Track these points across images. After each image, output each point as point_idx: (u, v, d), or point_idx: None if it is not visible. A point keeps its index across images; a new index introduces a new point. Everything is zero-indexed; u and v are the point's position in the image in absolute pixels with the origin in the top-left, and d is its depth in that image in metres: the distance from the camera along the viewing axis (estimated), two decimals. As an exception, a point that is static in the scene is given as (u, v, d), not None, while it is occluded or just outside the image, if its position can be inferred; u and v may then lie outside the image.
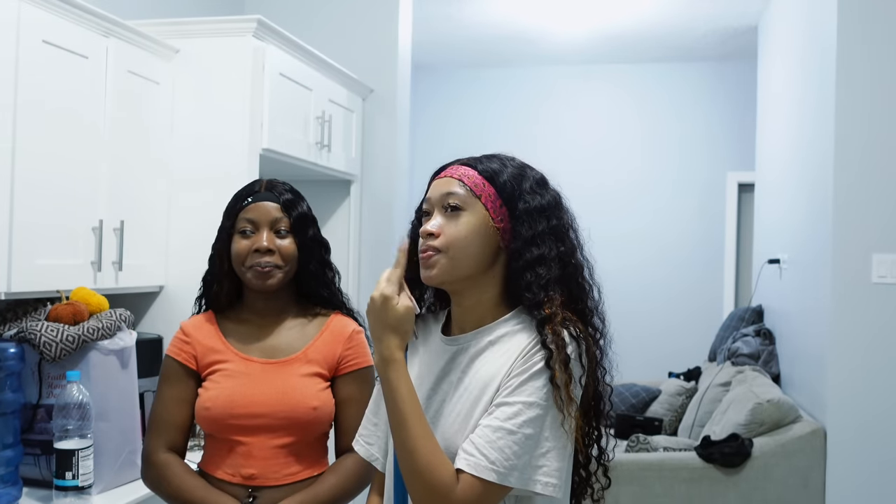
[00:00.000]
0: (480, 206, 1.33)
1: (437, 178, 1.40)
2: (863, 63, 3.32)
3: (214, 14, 3.46)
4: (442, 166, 1.42)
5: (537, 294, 1.30)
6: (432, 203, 1.37)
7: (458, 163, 1.40)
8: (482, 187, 1.34)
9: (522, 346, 1.29)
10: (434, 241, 1.32)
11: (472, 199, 1.33)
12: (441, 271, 1.33)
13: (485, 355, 1.33)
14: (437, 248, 1.32)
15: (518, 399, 1.24)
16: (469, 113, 6.66)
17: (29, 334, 2.05)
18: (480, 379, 1.31)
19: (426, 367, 1.41)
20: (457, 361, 1.36)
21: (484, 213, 1.33)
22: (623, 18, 5.33)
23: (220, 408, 1.75)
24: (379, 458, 1.47)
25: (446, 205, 1.34)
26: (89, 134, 2.40)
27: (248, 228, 1.78)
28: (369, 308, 1.29)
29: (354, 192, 3.69)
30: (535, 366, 1.26)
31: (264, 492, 1.73)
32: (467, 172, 1.36)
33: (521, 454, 1.22)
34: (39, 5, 2.17)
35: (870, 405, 3.28)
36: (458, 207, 1.33)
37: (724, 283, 6.29)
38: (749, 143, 5.77)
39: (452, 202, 1.33)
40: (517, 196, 1.34)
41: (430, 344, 1.44)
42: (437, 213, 1.35)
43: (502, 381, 1.28)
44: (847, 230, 3.31)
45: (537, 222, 1.33)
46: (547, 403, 1.24)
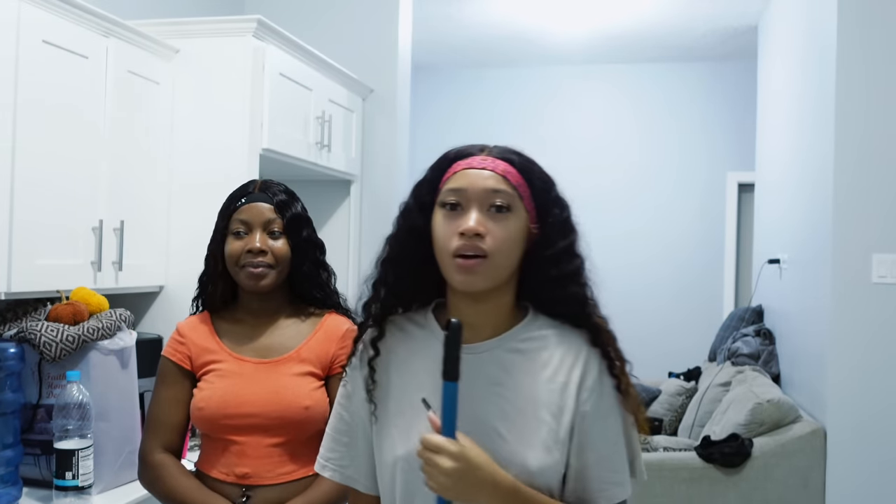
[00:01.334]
0: (523, 207, 1.24)
1: (461, 165, 1.26)
2: (862, 63, 3.31)
3: (214, 14, 3.46)
4: (455, 152, 1.29)
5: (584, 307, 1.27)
6: (470, 197, 1.22)
7: (482, 151, 1.27)
8: (524, 187, 1.24)
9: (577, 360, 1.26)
10: (481, 242, 1.20)
11: (517, 200, 1.23)
12: (483, 280, 1.21)
13: (518, 365, 1.25)
14: (484, 252, 1.20)
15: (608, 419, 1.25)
16: (469, 113, 6.66)
17: (29, 334, 2.05)
18: (529, 391, 1.24)
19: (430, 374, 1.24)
20: (478, 370, 1.24)
21: (525, 215, 1.24)
22: (623, 18, 5.33)
23: (213, 408, 1.75)
24: (359, 479, 1.35)
25: (493, 204, 1.21)
26: (89, 134, 2.40)
27: (241, 229, 1.79)
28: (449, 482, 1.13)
29: (354, 192, 3.69)
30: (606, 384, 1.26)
31: (258, 491, 1.73)
32: (509, 169, 1.24)
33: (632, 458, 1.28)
34: (39, 5, 2.17)
35: (870, 405, 3.28)
36: (507, 208, 1.22)
37: (724, 283, 6.29)
38: (749, 143, 5.77)
39: (501, 202, 1.21)
40: (549, 202, 1.26)
41: (420, 352, 1.30)
42: (475, 210, 1.21)
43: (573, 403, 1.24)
44: (847, 230, 3.31)
45: (570, 233, 1.27)
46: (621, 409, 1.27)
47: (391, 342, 1.32)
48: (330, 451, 1.38)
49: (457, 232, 1.21)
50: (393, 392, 1.30)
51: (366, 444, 1.34)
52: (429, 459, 1.14)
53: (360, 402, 1.34)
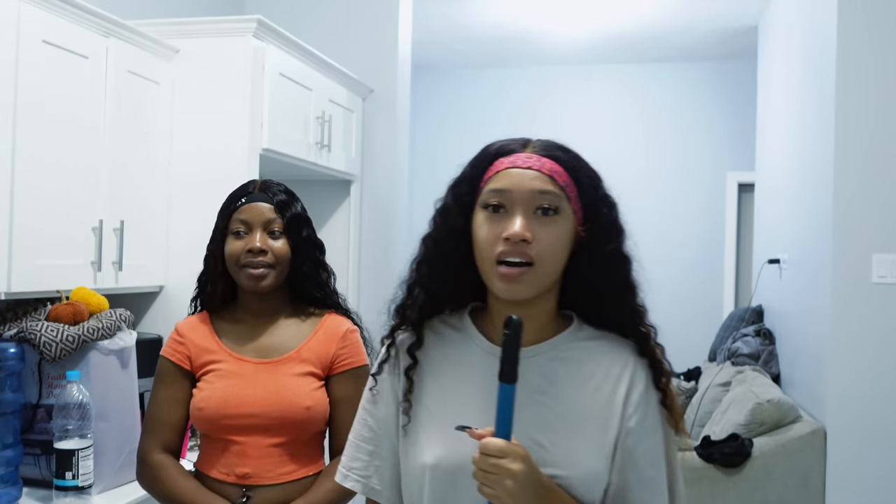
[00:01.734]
0: (570, 209, 1.17)
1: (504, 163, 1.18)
2: (863, 63, 3.31)
3: (214, 14, 3.46)
4: (497, 148, 1.21)
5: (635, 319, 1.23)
6: (515, 199, 1.15)
7: (527, 148, 1.20)
8: (572, 186, 1.17)
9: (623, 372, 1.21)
10: (528, 248, 1.13)
11: (565, 201, 1.16)
12: (528, 288, 1.15)
13: (563, 373, 1.20)
14: (531, 259, 1.13)
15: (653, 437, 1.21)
16: (469, 113, 6.65)
17: (29, 334, 2.05)
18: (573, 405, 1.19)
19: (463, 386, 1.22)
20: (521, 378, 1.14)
21: (572, 216, 1.17)
22: (623, 18, 5.33)
23: (213, 408, 1.75)
24: (382, 491, 1.27)
25: (539, 206, 1.14)
26: (89, 134, 2.40)
27: (241, 229, 1.79)
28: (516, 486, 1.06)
29: (354, 192, 3.69)
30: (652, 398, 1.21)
31: (258, 491, 1.73)
32: (555, 168, 1.17)
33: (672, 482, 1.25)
34: (39, 5, 2.17)
35: (870, 405, 3.28)
36: (554, 211, 1.15)
37: (724, 283, 6.29)
38: (749, 143, 5.77)
39: (548, 204, 1.14)
40: (596, 202, 1.20)
41: (456, 356, 1.25)
42: (520, 213, 1.14)
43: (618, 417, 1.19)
44: (847, 230, 3.31)
45: (619, 236, 1.21)
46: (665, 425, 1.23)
47: (425, 346, 1.25)
48: (352, 459, 1.29)
49: (500, 236, 1.14)
50: (424, 398, 1.24)
51: (391, 454, 1.26)
52: (494, 465, 1.06)
53: (389, 411, 1.27)
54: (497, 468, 1.06)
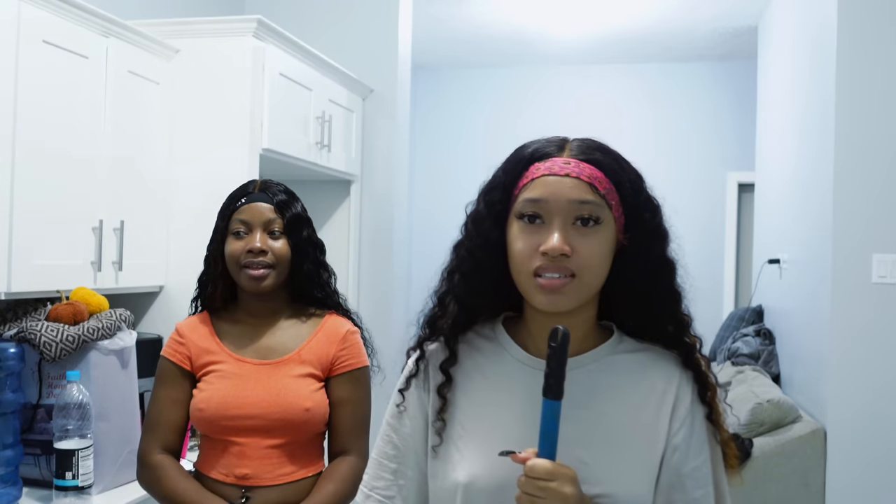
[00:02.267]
0: (612, 217, 1.10)
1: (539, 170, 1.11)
2: (863, 63, 3.31)
3: (214, 14, 3.46)
4: (532, 151, 1.13)
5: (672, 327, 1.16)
6: (553, 210, 1.08)
7: (564, 151, 1.13)
8: (613, 193, 1.10)
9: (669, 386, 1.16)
10: (568, 262, 1.07)
11: (606, 210, 1.09)
12: (570, 300, 1.09)
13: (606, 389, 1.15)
14: (571, 272, 1.07)
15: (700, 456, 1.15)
16: (469, 113, 6.65)
17: (29, 334, 2.05)
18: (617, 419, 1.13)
19: (503, 393, 1.16)
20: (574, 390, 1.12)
21: (613, 224, 1.10)
22: (623, 19, 5.33)
23: (213, 409, 1.75)
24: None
25: (578, 216, 1.08)
26: (89, 134, 2.40)
27: (241, 230, 1.79)
28: None
29: (354, 192, 3.69)
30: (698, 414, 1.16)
31: (258, 492, 1.73)
32: (595, 174, 1.10)
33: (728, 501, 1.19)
34: (39, 5, 2.17)
35: (870, 405, 3.28)
36: (595, 221, 1.08)
37: (724, 283, 6.29)
38: (749, 143, 5.77)
39: (589, 213, 1.08)
40: (639, 207, 1.13)
41: (497, 363, 1.18)
42: (559, 224, 1.07)
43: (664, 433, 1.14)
44: (847, 230, 3.31)
45: (661, 237, 1.14)
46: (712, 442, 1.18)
47: (461, 349, 1.19)
48: (375, 478, 1.22)
49: (538, 249, 1.07)
50: (456, 413, 1.17)
51: (416, 474, 1.20)
52: (543, 488, 0.99)
53: (416, 428, 1.20)
54: (546, 492, 0.99)
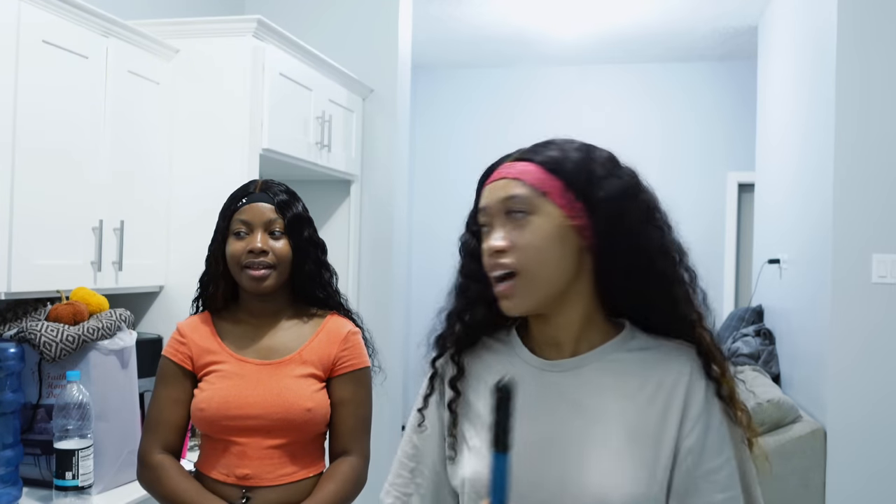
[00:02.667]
0: (549, 204, 1.10)
1: (486, 182, 1.16)
2: (863, 62, 3.31)
3: (214, 14, 3.46)
4: (489, 168, 1.18)
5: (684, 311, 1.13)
6: (491, 213, 1.12)
7: (508, 160, 1.16)
8: (547, 182, 1.10)
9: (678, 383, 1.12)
10: (504, 257, 1.10)
11: (539, 199, 1.10)
12: (525, 300, 1.10)
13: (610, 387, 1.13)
14: (512, 268, 1.09)
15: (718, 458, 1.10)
16: (468, 113, 6.65)
17: (29, 334, 2.05)
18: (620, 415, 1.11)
19: None
20: (561, 390, 1.14)
21: (556, 211, 1.10)
22: (623, 19, 5.33)
23: (214, 409, 1.75)
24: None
25: (509, 211, 1.11)
26: (89, 134, 2.40)
27: (242, 230, 1.78)
28: None
29: (354, 192, 3.69)
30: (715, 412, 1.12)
31: (258, 492, 1.73)
32: (525, 168, 1.12)
33: None
34: (39, 5, 2.17)
35: (870, 405, 3.28)
36: (524, 212, 1.10)
37: (724, 283, 6.29)
38: (749, 143, 5.77)
39: (516, 206, 1.10)
40: (592, 184, 1.11)
41: (507, 366, 1.20)
42: (498, 224, 1.12)
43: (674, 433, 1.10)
44: (847, 230, 3.31)
45: (624, 210, 1.11)
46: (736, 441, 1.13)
47: (470, 365, 1.22)
48: (396, 476, 1.28)
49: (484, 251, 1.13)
50: (470, 414, 1.20)
51: (432, 475, 1.24)
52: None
53: (435, 441, 1.25)
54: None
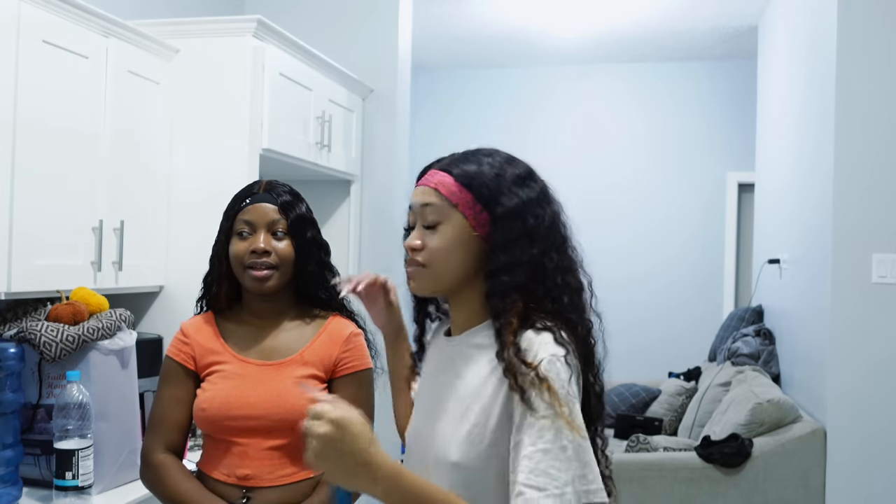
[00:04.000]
0: (458, 214, 1.29)
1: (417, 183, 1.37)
2: (863, 62, 3.31)
3: (214, 14, 3.46)
4: (424, 168, 1.38)
5: (496, 303, 1.27)
6: (414, 213, 1.35)
7: (437, 165, 1.35)
8: (458, 195, 1.29)
9: None
10: (417, 255, 1.32)
11: (449, 209, 1.29)
12: (424, 284, 1.34)
13: (473, 360, 1.31)
14: (421, 263, 1.32)
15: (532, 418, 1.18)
16: (468, 113, 6.66)
17: (29, 334, 2.05)
18: (470, 385, 1.29)
19: (431, 366, 1.43)
20: (450, 362, 1.35)
21: (462, 221, 1.29)
22: (623, 18, 5.33)
23: (215, 409, 1.75)
24: None
25: (425, 216, 1.32)
26: (89, 134, 2.40)
27: (245, 230, 1.79)
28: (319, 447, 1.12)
29: (354, 192, 3.69)
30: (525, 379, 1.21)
31: (259, 492, 1.73)
32: (443, 180, 1.31)
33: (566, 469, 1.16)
34: (39, 5, 2.17)
35: (870, 405, 3.28)
36: (435, 220, 1.30)
37: (724, 283, 6.29)
38: (749, 143, 5.77)
39: (429, 215, 1.31)
40: (495, 199, 1.29)
41: (438, 343, 1.45)
42: (418, 225, 1.34)
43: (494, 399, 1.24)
44: (847, 230, 3.31)
45: (512, 226, 1.28)
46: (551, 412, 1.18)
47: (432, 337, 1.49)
48: None
49: None
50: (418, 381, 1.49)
51: None
52: (308, 426, 1.13)
53: None
54: (309, 430, 1.13)
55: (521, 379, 1.20)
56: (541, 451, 1.17)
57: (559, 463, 1.16)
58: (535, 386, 1.18)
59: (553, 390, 1.18)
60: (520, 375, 1.20)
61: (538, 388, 1.18)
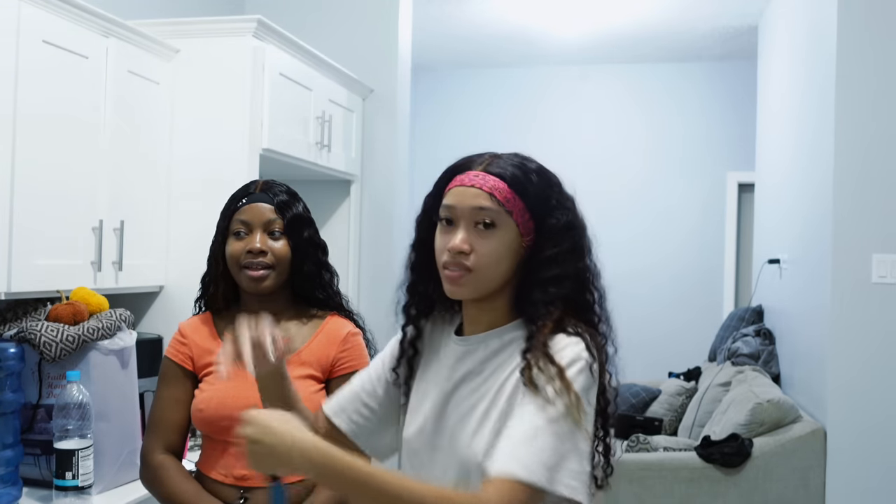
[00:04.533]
0: (512, 222, 1.28)
1: (455, 181, 1.32)
2: (863, 62, 3.32)
3: (214, 14, 3.46)
4: (457, 165, 1.34)
5: (538, 310, 1.28)
6: (457, 214, 1.29)
7: (478, 165, 1.32)
8: (513, 202, 1.28)
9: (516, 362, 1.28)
10: (465, 259, 1.27)
11: (504, 216, 1.27)
12: (469, 290, 1.30)
13: (498, 358, 1.31)
14: (469, 268, 1.28)
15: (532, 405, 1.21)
16: (468, 113, 6.66)
17: (29, 334, 2.05)
18: (496, 383, 1.29)
19: (435, 369, 1.39)
20: (465, 362, 1.34)
21: (515, 229, 1.28)
22: (623, 18, 5.33)
23: (212, 410, 1.75)
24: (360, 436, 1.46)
25: (478, 220, 1.27)
26: (89, 134, 2.40)
27: (241, 230, 1.79)
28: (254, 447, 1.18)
29: (354, 192, 3.69)
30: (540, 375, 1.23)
31: (256, 492, 1.74)
32: (497, 185, 1.28)
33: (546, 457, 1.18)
34: (39, 5, 2.17)
35: (870, 405, 3.28)
36: (492, 225, 1.27)
37: (724, 283, 6.29)
38: (749, 143, 5.77)
39: (485, 218, 1.27)
40: (546, 211, 1.30)
41: (440, 344, 1.41)
42: (464, 227, 1.28)
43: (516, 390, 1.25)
44: (847, 230, 3.31)
45: (562, 240, 1.29)
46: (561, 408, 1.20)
47: (429, 337, 1.43)
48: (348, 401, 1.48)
49: (446, 247, 1.29)
50: (415, 383, 1.41)
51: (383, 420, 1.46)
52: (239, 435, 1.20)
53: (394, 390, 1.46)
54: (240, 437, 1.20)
55: (539, 374, 1.21)
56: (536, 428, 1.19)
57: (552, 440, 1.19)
58: (553, 379, 1.20)
59: (569, 383, 1.20)
60: (540, 371, 1.21)
61: (555, 380, 1.20)
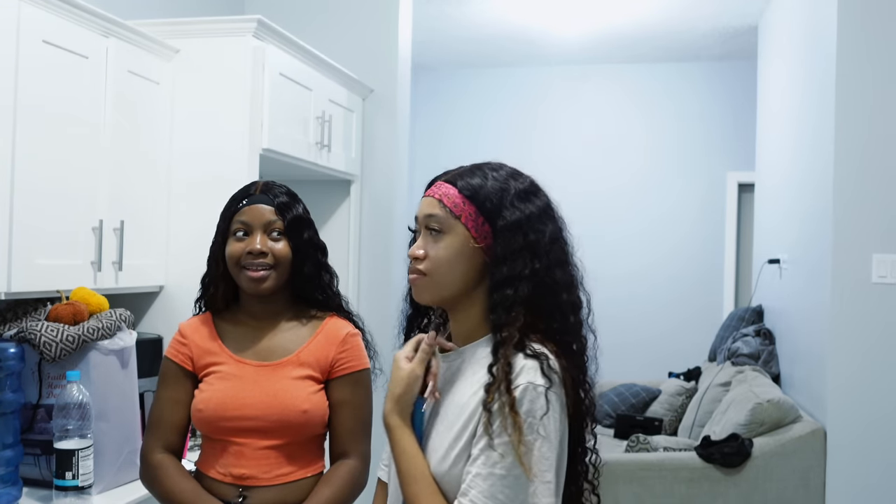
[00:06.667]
0: (461, 226, 1.32)
1: (425, 194, 1.40)
2: (863, 62, 3.32)
3: (214, 14, 3.46)
4: (432, 179, 1.41)
5: (499, 316, 1.29)
6: (419, 223, 1.38)
7: (443, 177, 1.38)
8: (462, 207, 1.33)
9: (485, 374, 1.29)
10: (420, 264, 1.35)
11: (453, 221, 1.33)
12: (429, 294, 1.36)
13: (464, 376, 1.35)
14: (423, 272, 1.34)
15: (498, 440, 1.23)
16: (468, 113, 6.66)
17: (29, 334, 2.05)
18: (456, 402, 1.33)
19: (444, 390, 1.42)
20: (446, 376, 1.38)
21: (465, 233, 1.32)
22: (623, 18, 5.33)
23: (212, 410, 1.75)
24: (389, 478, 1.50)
25: (430, 227, 1.35)
26: (89, 134, 2.40)
27: (241, 231, 1.79)
28: None
29: (354, 192, 3.69)
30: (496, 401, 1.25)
31: (255, 492, 1.74)
32: (448, 192, 1.34)
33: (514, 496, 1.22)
34: (39, 5, 2.17)
35: (870, 405, 3.28)
36: (439, 230, 1.34)
37: (724, 283, 6.29)
38: (749, 143, 5.77)
39: (433, 225, 1.34)
40: (497, 212, 1.32)
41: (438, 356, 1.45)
42: (422, 234, 1.36)
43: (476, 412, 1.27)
44: (847, 230, 3.31)
45: (513, 239, 1.30)
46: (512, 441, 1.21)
47: None
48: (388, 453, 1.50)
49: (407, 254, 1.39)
50: None
51: None
52: None
53: None
54: None
55: (495, 399, 1.23)
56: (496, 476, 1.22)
57: (510, 491, 1.21)
58: (505, 412, 1.22)
59: (519, 424, 1.21)
60: (497, 395, 1.23)
61: (507, 414, 1.22)
